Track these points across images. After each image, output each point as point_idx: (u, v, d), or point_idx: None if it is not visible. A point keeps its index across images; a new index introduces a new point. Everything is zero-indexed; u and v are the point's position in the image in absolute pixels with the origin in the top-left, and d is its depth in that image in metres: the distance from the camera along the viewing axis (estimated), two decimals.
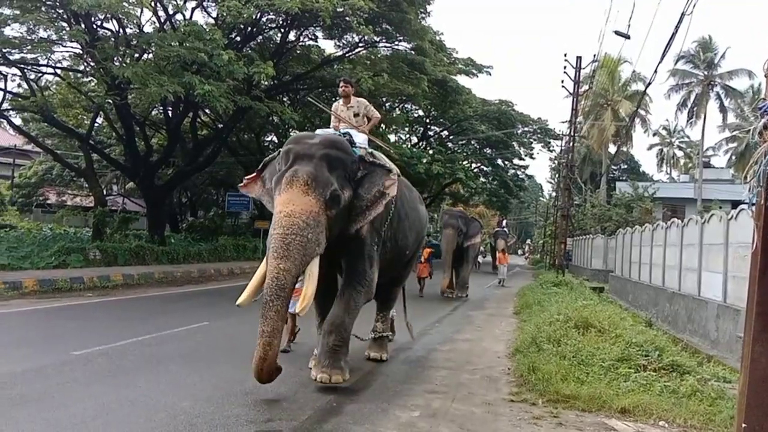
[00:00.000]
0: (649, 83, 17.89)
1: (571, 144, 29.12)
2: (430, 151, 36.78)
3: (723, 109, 43.53)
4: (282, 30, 23.86)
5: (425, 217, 8.97)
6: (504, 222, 38.77)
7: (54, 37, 18.29)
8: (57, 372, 6.77)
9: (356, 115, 7.89)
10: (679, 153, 57.01)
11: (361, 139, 7.28)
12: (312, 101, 14.57)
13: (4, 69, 19.91)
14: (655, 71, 15.66)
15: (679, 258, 14.07)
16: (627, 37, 17.64)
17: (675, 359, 7.58)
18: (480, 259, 35.78)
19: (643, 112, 45.26)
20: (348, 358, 6.84)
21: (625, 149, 46.94)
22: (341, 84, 8.15)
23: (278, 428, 5.30)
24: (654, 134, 53.44)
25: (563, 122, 40.52)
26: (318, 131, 7.30)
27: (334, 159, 6.21)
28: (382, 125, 35.72)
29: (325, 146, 6.24)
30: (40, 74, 22.24)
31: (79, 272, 16.08)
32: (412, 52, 25.29)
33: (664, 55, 12.77)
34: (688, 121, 44.41)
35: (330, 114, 8.21)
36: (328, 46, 27.04)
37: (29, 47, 17.86)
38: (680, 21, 11.64)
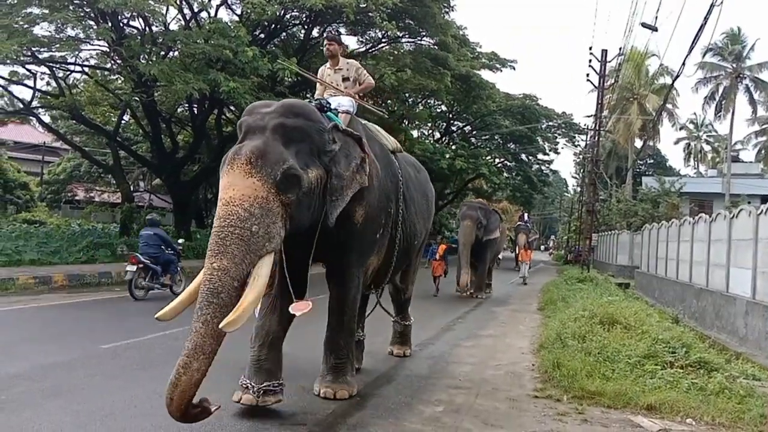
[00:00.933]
0: (677, 76, 17.67)
1: (596, 138, 28.82)
2: (453, 147, 36.65)
3: (752, 102, 42.78)
4: (306, 26, 23.95)
5: (433, 201, 8.04)
6: (526, 216, 38.14)
7: (82, 35, 18.57)
8: (86, 365, 6.90)
9: (345, 79, 6.59)
10: (707, 147, 56.11)
11: (344, 102, 6.06)
12: (296, 70, 13.33)
13: (33, 67, 20.29)
14: (683, 64, 15.47)
15: (706, 254, 13.86)
16: (654, 29, 17.41)
17: (702, 356, 7.48)
18: (501, 255, 34.21)
19: (670, 106, 44.58)
20: (354, 372, 6.29)
21: (651, 143, 46.27)
22: (326, 43, 6.72)
23: (302, 421, 5.34)
24: (681, 128, 52.61)
25: (588, 116, 40.04)
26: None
27: (291, 129, 4.87)
28: (405, 120, 35.84)
29: (281, 114, 4.90)
30: (68, 72, 22.62)
31: (107, 267, 16.34)
32: (436, 47, 25.23)
33: (692, 48, 12.64)
34: (716, 114, 43.72)
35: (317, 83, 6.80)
36: (351, 42, 27.01)
37: (58, 46, 18.17)
38: (709, 12, 11.48)
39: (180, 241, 15.60)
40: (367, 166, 5.31)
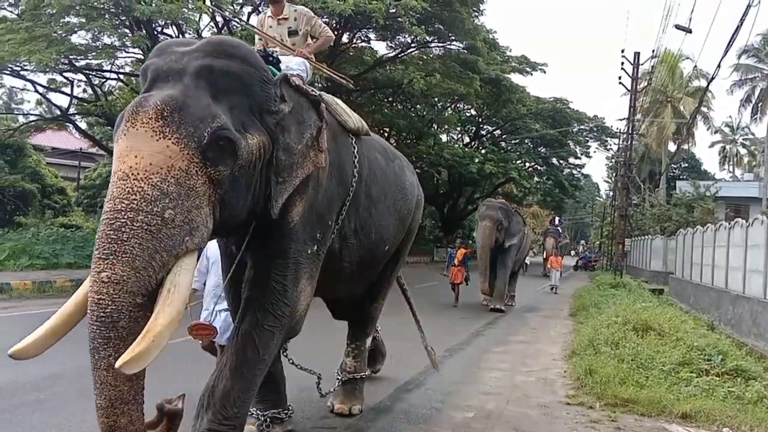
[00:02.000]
0: (712, 79, 17.35)
1: (629, 142, 28.44)
2: (483, 151, 36.53)
3: None
4: (335, 32, 24.11)
5: (414, 195, 5.86)
6: (557, 220, 37.63)
7: (117, 43, 18.99)
8: None
9: (293, 33, 5.04)
10: (743, 150, 54.91)
11: (293, 64, 4.58)
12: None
13: (70, 75, 20.82)
14: (718, 66, 15.22)
15: (743, 259, 13.58)
16: (688, 31, 17.15)
17: (739, 364, 7.33)
18: (528, 260, 30.38)
19: (705, 109, 43.80)
20: None
21: (686, 147, 45.52)
22: None
23: (333, 425, 5.37)
24: (716, 131, 51.63)
25: (621, 120, 39.54)
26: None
27: (223, 75, 3.29)
28: (434, 125, 35.86)
29: (207, 53, 3.32)
30: (104, 80, 23.14)
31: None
32: (465, 52, 25.21)
33: (727, 49, 12.42)
34: (752, 117, 42.74)
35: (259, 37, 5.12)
36: (381, 48, 27.22)
37: (94, 54, 18.62)
38: (745, 13, 11.29)
39: None
40: (324, 141, 3.81)
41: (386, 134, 36.67)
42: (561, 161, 43.59)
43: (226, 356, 3.85)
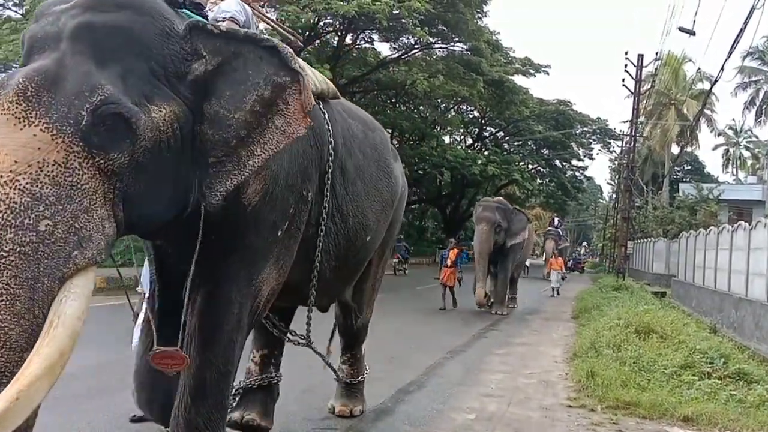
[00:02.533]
0: (715, 81, 17.33)
1: (632, 144, 28.41)
2: (486, 152, 36.53)
3: None
4: (339, 33, 24.16)
5: (399, 179, 5.01)
6: (557, 221, 35.92)
7: None
8: (123, 366, 6.93)
9: None
10: (746, 153, 54.81)
11: (227, 5, 3.76)
12: None
13: None
14: (722, 68, 15.18)
15: (746, 262, 13.54)
16: (692, 33, 17.12)
17: (742, 367, 7.32)
18: (528, 262, 28.76)
19: (708, 111, 43.76)
20: None
21: (689, 150, 45.46)
22: None
23: (334, 426, 5.36)
24: (719, 134, 51.59)
25: (624, 122, 39.49)
26: None
27: (109, 33, 2.50)
28: (437, 126, 35.87)
29: (88, 8, 2.52)
30: None
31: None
32: (468, 53, 25.23)
33: (731, 52, 12.42)
34: (756, 120, 42.77)
35: None
36: (384, 49, 27.25)
37: None
38: (749, 16, 11.26)
39: None
40: (304, 100, 2.83)
41: (389, 135, 36.78)
42: (564, 163, 43.58)
43: (182, 381, 3.15)
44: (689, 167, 57.08)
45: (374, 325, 5.99)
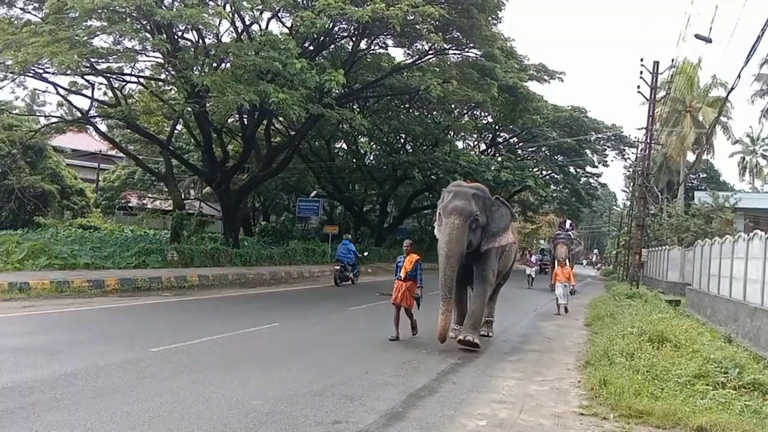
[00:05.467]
0: (732, 89, 17.16)
1: (647, 151, 28.23)
2: (499, 158, 36.45)
3: None
4: (354, 39, 24.22)
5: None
6: (569, 224, 32.87)
7: (138, 47, 19.19)
8: (136, 367, 7.09)
9: None
10: (763, 161, 54.26)
11: None
12: None
13: (91, 78, 21.07)
14: (738, 76, 15.03)
15: (762, 271, 13.40)
16: (708, 40, 17.01)
17: (757, 377, 7.24)
18: (533, 272, 27.96)
19: (724, 119, 43.39)
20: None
21: (705, 157, 45.04)
22: None
23: (344, 430, 5.38)
24: (736, 142, 51.10)
25: (639, 129, 39.22)
26: None
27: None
28: (450, 131, 35.85)
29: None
30: (124, 83, 23.40)
31: (157, 272, 16.76)
32: (482, 59, 25.20)
33: (748, 59, 12.30)
34: None
35: None
36: (398, 55, 27.30)
37: (115, 57, 18.84)
38: (767, 23, 11.17)
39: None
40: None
41: (402, 140, 36.75)
42: (578, 170, 43.40)
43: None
44: (705, 175, 56.61)
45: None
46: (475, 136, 41.31)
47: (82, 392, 5.92)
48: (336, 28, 22.60)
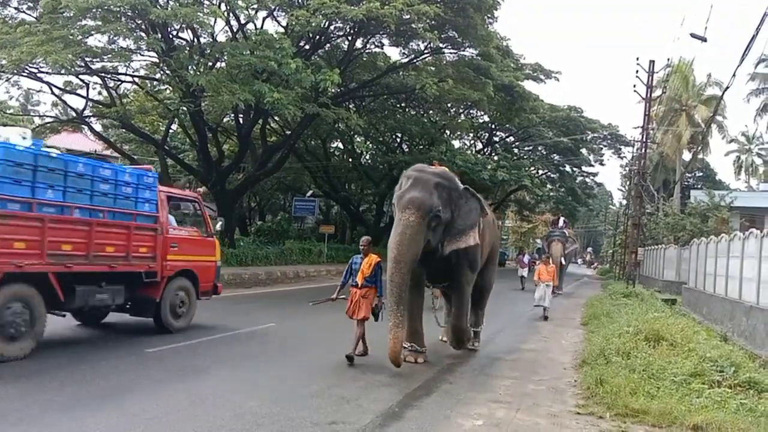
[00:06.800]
0: (727, 88, 17.27)
1: (643, 150, 28.28)
2: (495, 157, 36.45)
3: None
4: (349, 38, 24.19)
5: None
6: (562, 220, 30.91)
7: (133, 46, 19.16)
8: (132, 368, 7.07)
9: None
10: (758, 160, 54.43)
11: None
12: None
13: (86, 78, 21.00)
14: (734, 75, 15.11)
15: (757, 270, 13.44)
16: (703, 39, 17.05)
17: (752, 376, 7.25)
18: (524, 272, 25.42)
19: (720, 118, 43.51)
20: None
21: (700, 156, 45.12)
22: None
23: (341, 431, 5.37)
24: (731, 141, 51.26)
25: (635, 128, 39.25)
26: None
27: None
28: (447, 130, 35.85)
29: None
30: (119, 82, 23.33)
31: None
32: (478, 58, 25.21)
33: (743, 58, 12.32)
34: None
35: None
36: (394, 54, 27.27)
37: (110, 56, 18.78)
38: (761, 22, 11.20)
39: None
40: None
41: (399, 139, 36.73)
42: (574, 169, 43.42)
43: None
44: (701, 174, 56.77)
45: None
46: (471, 135, 41.29)
47: (77, 393, 5.90)
48: (331, 27, 22.56)
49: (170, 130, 26.56)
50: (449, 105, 32.58)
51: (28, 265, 6.98)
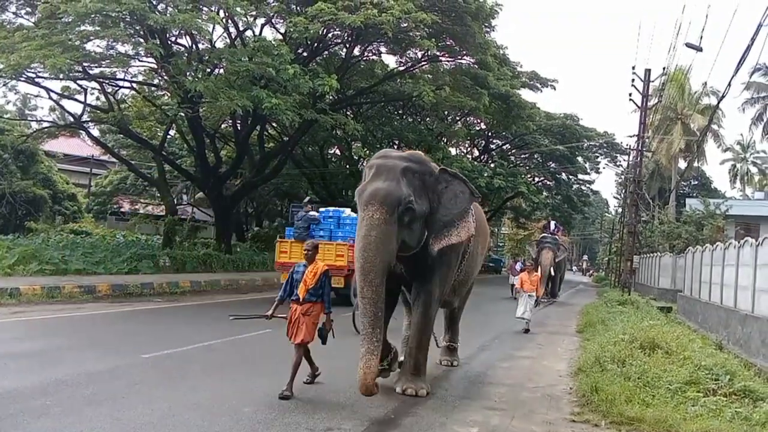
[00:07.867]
0: (722, 97, 17.30)
1: (639, 159, 28.38)
2: (492, 165, 36.54)
3: None
4: (347, 45, 24.25)
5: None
6: (553, 225, 29.47)
7: (131, 52, 19.16)
8: (127, 373, 7.06)
9: None
10: (754, 169, 54.60)
11: None
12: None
13: (84, 83, 21.02)
14: (729, 84, 15.15)
15: (752, 278, 13.47)
16: (699, 49, 17.12)
17: (747, 384, 7.27)
18: (515, 280, 19.83)
19: (715, 127, 43.69)
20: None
21: (696, 164, 45.31)
22: None
23: None
24: (727, 149, 51.45)
25: (631, 136, 39.39)
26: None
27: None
28: (443, 138, 35.95)
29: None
30: (117, 88, 23.34)
31: (149, 278, 16.69)
32: (475, 66, 25.29)
33: (738, 68, 12.39)
34: (763, 135, 42.61)
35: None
36: (392, 62, 27.34)
37: (108, 62, 18.81)
38: (756, 32, 11.28)
39: None
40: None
41: (396, 147, 36.81)
42: (570, 177, 43.55)
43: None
44: (696, 182, 56.97)
45: None
46: (468, 142, 41.39)
47: (72, 399, 5.89)
48: (329, 35, 22.62)
49: (168, 136, 26.58)
50: (446, 113, 32.66)
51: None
